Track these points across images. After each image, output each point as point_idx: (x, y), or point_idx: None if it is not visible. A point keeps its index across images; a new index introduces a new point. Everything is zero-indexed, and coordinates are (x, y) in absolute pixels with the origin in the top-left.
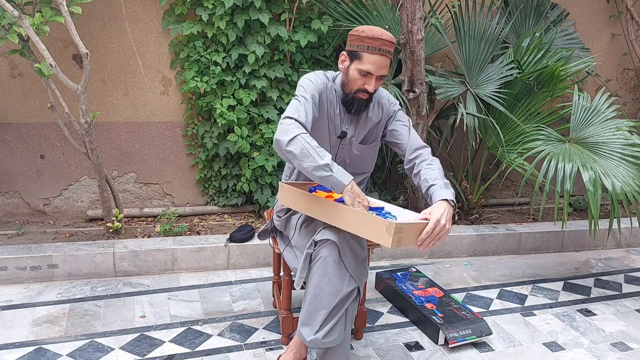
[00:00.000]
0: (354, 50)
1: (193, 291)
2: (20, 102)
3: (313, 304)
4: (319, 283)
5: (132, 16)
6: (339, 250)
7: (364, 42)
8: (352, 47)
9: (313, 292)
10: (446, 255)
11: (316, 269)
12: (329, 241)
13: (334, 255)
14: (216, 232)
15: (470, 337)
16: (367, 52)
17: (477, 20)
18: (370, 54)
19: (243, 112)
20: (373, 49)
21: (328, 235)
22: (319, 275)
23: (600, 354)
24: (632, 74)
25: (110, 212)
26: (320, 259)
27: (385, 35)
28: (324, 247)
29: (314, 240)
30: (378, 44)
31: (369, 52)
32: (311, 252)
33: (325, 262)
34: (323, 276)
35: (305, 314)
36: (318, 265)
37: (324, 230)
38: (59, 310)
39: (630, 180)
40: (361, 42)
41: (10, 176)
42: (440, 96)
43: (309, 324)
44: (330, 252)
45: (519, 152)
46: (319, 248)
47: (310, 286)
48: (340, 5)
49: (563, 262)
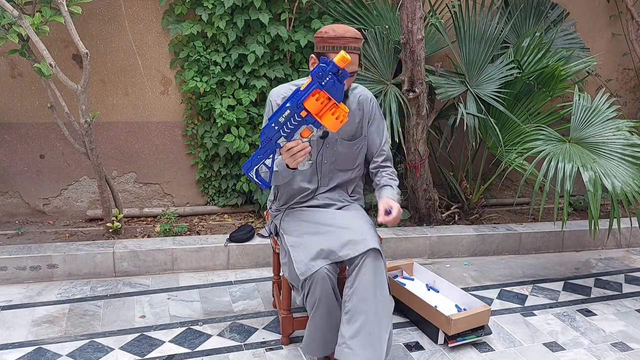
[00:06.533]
0: (320, 52)
1: (193, 291)
2: (20, 102)
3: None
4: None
5: (132, 16)
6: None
7: (328, 43)
8: (319, 49)
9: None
10: (446, 255)
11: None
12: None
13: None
14: (216, 232)
15: (470, 337)
16: (333, 52)
17: (477, 20)
18: (336, 54)
19: (243, 112)
20: (337, 48)
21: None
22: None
23: (600, 354)
24: (632, 74)
25: (110, 212)
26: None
27: (349, 32)
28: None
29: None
30: (341, 42)
31: (334, 52)
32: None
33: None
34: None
35: (369, 334)
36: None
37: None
38: (59, 310)
39: (630, 180)
40: (325, 43)
41: (10, 176)
42: (440, 96)
43: (372, 347)
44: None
45: (519, 152)
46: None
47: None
48: (340, 5)
49: (563, 262)
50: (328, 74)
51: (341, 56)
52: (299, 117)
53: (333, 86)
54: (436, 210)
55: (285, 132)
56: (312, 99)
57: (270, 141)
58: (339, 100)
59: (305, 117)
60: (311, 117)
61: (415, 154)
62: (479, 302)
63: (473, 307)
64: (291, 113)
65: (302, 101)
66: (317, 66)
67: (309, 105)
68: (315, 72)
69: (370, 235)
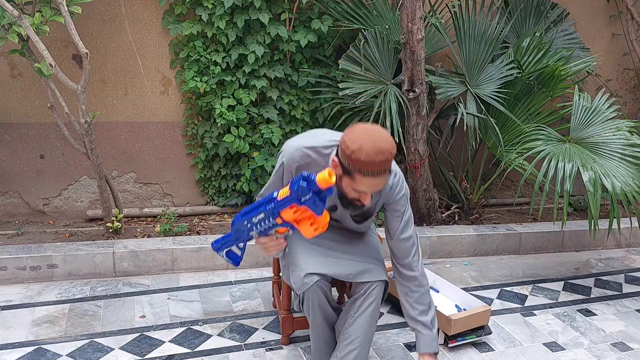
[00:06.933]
0: (345, 166)
1: (193, 291)
2: (20, 102)
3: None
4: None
5: (132, 16)
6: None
7: (355, 164)
8: (343, 161)
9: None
10: (446, 255)
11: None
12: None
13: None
14: (216, 232)
15: (470, 337)
16: (359, 175)
17: (477, 20)
18: (363, 177)
19: (243, 112)
20: (365, 172)
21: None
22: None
23: (600, 354)
24: (632, 74)
25: (110, 212)
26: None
27: (380, 155)
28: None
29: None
30: (371, 168)
31: (361, 174)
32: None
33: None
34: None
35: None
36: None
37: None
38: (59, 310)
39: (630, 180)
40: (352, 163)
41: (10, 176)
42: (440, 96)
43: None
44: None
45: (519, 152)
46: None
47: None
48: (340, 5)
49: (563, 262)
50: (308, 193)
51: (323, 177)
52: (273, 221)
53: (313, 204)
54: (436, 210)
55: (257, 230)
56: (290, 211)
57: (242, 233)
58: (319, 214)
59: (281, 223)
60: (287, 223)
61: (415, 154)
62: (479, 302)
63: (473, 307)
64: (265, 217)
65: (277, 211)
66: (296, 185)
67: (285, 215)
68: (293, 189)
69: (379, 266)
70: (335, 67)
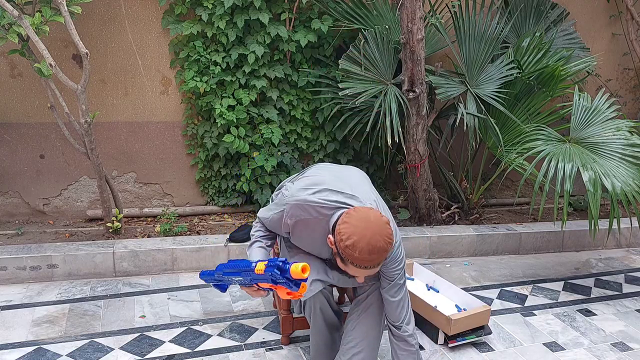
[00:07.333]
0: (339, 252)
1: (193, 291)
2: (20, 102)
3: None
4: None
5: (132, 16)
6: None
7: (349, 257)
8: (337, 248)
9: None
10: (446, 255)
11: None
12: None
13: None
14: (216, 232)
15: (470, 337)
16: (352, 265)
17: (477, 20)
18: (356, 268)
19: (243, 112)
20: (358, 265)
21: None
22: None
23: (600, 354)
24: (632, 74)
25: (110, 212)
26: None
27: (374, 255)
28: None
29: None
30: (363, 264)
31: (354, 265)
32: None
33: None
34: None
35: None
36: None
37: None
38: (59, 310)
39: (630, 180)
40: (346, 255)
41: (10, 176)
42: (440, 96)
43: None
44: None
45: (519, 152)
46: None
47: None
48: (340, 5)
49: (563, 262)
50: (282, 280)
51: (297, 270)
52: (251, 284)
53: (288, 286)
54: (436, 210)
55: (239, 284)
56: (266, 284)
57: (225, 281)
58: (294, 291)
59: (258, 288)
60: (265, 288)
61: (415, 154)
62: (479, 302)
63: (473, 307)
64: (244, 280)
65: (255, 282)
66: (271, 271)
67: (263, 285)
68: (268, 274)
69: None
70: (335, 67)
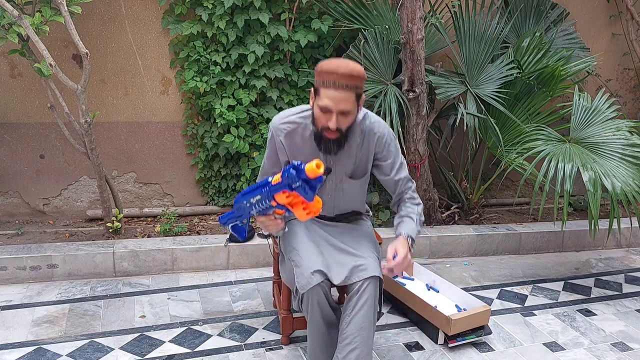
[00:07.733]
0: (315, 85)
1: (193, 291)
2: (20, 102)
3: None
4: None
5: (132, 16)
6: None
7: (321, 77)
8: (315, 83)
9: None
10: (446, 255)
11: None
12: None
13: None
14: (216, 232)
15: (470, 337)
16: (323, 87)
17: (477, 20)
18: (326, 89)
19: (243, 112)
20: (327, 83)
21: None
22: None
23: (600, 354)
24: (632, 74)
25: (110, 212)
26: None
27: (342, 68)
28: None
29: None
30: (332, 77)
31: (324, 86)
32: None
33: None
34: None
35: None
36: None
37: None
38: (59, 310)
39: (630, 180)
40: (319, 77)
41: (10, 176)
42: (440, 96)
43: None
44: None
45: (519, 152)
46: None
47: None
48: (340, 5)
49: (563, 262)
50: (298, 181)
51: (311, 167)
52: (269, 203)
53: (304, 191)
54: (436, 210)
55: (256, 209)
56: (282, 195)
57: (243, 210)
58: (310, 200)
59: (276, 205)
60: (281, 205)
61: (415, 154)
62: (479, 302)
63: (473, 307)
64: (262, 199)
65: (272, 194)
66: (287, 173)
67: (279, 199)
68: (284, 177)
69: (372, 261)
70: None
